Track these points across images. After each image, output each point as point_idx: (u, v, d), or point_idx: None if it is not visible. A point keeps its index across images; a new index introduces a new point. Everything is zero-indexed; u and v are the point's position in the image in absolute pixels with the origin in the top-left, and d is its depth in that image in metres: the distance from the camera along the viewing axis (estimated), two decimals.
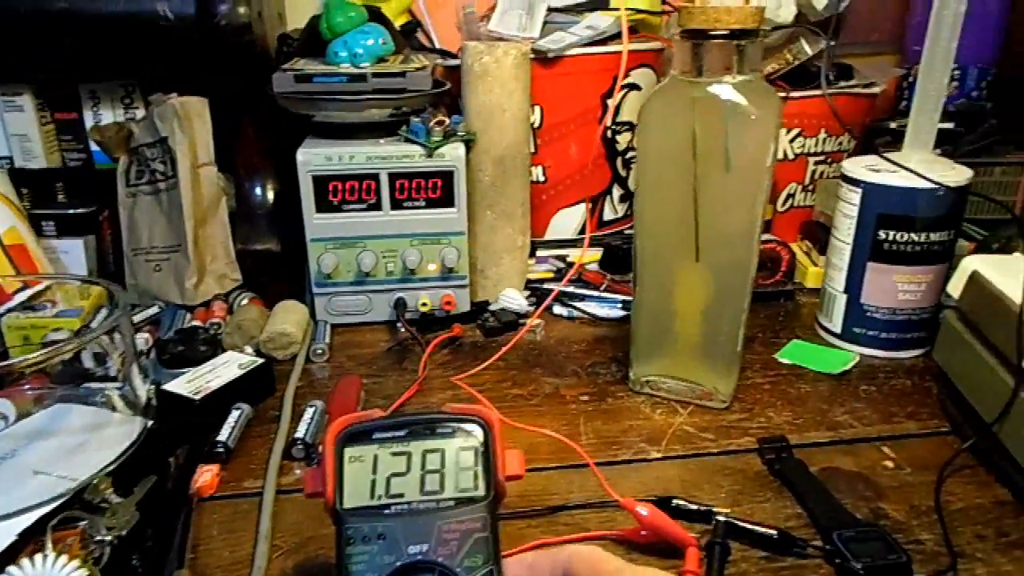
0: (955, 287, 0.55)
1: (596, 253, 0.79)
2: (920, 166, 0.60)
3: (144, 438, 0.50)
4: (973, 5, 0.90)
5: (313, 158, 0.64)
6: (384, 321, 0.70)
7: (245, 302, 0.70)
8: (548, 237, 0.83)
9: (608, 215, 0.83)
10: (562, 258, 0.79)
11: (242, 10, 0.65)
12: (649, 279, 0.55)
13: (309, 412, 0.53)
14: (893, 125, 0.90)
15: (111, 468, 0.46)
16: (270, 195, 0.72)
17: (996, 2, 0.91)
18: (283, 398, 0.57)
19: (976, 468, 0.49)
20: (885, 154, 0.63)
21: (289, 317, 0.65)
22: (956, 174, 0.59)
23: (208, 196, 0.71)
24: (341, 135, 0.67)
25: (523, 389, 0.59)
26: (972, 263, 0.55)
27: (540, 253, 0.81)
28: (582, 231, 0.83)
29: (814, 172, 0.83)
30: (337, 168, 0.64)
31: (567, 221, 0.82)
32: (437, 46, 0.83)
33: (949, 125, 0.85)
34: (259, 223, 0.73)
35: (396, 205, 0.66)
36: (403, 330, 0.67)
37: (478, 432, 0.32)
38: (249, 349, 0.63)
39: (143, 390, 0.53)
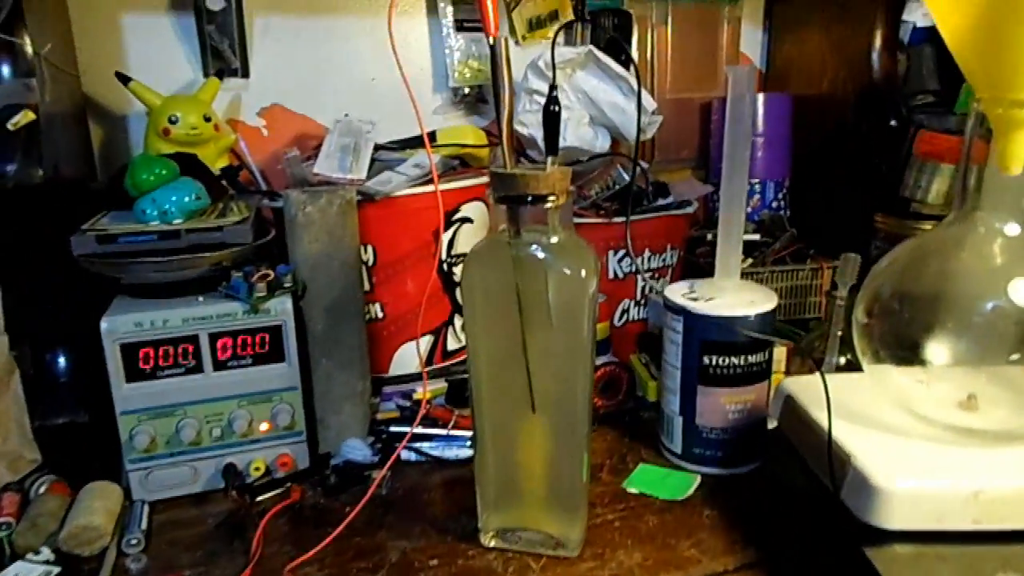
0: (774, 409, 0.59)
1: (442, 386, 0.78)
2: (731, 295, 0.64)
3: None
4: (768, 129, 1.01)
5: (120, 326, 0.59)
6: (215, 490, 0.64)
7: (43, 489, 0.61)
8: (392, 373, 0.81)
9: (452, 344, 0.83)
10: (408, 395, 0.77)
11: (34, 171, 0.60)
12: (489, 435, 0.54)
13: None
14: (709, 236, 0.98)
15: None
16: (69, 364, 0.65)
17: (786, 125, 1.02)
18: None
19: None
20: (698, 284, 0.67)
21: (96, 504, 0.58)
22: (764, 299, 0.64)
23: None
24: (155, 294, 0.62)
25: (368, 560, 0.55)
26: (787, 386, 0.58)
27: (386, 389, 0.79)
28: (428, 363, 0.82)
29: (644, 287, 0.87)
30: (149, 334, 0.59)
31: (411, 355, 0.80)
32: (263, 187, 0.81)
33: (755, 237, 0.93)
34: (62, 393, 0.65)
35: (219, 365, 0.62)
36: (235, 500, 0.61)
37: None
38: (46, 550, 0.55)
39: None
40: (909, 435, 0.51)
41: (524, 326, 0.50)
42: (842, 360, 0.79)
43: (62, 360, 0.65)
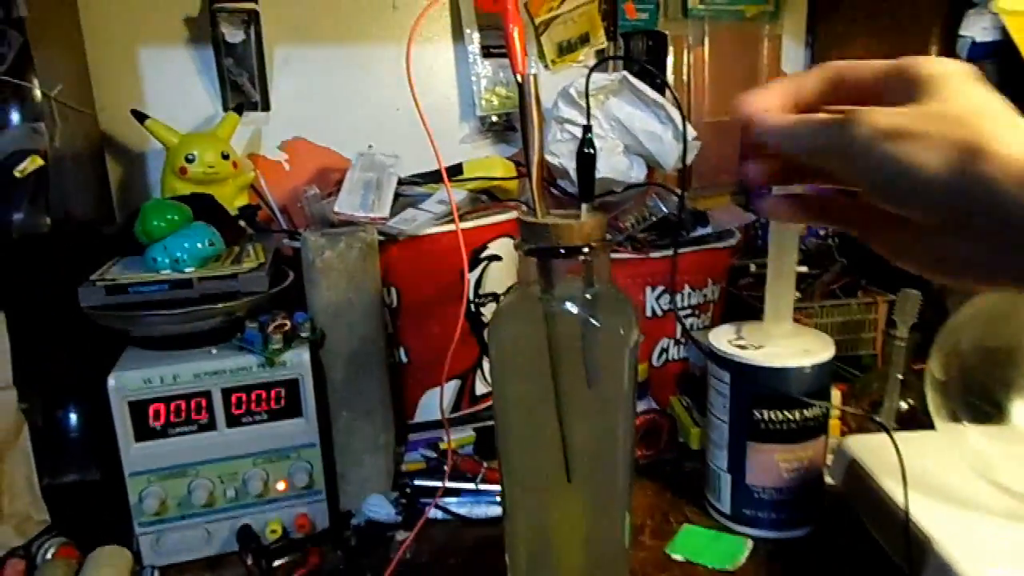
0: (836, 473, 0.53)
1: (469, 435, 0.74)
2: (783, 342, 0.58)
3: None
4: None
5: (128, 382, 0.55)
6: (230, 552, 0.60)
7: (51, 554, 0.58)
8: (419, 419, 0.76)
9: (480, 388, 0.78)
10: (434, 443, 0.73)
11: (42, 219, 0.57)
12: (519, 503, 0.50)
13: None
14: (753, 268, 0.92)
15: None
16: (81, 420, 0.62)
17: None
18: None
19: None
20: (746, 329, 0.61)
21: (102, 574, 0.54)
22: (821, 347, 0.58)
23: (5, 425, 0.60)
24: (166, 347, 0.59)
25: None
26: (850, 448, 0.53)
27: (412, 437, 0.74)
28: (455, 408, 0.77)
29: (684, 325, 0.81)
30: (159, 391, 0.56)
31: (438, 400, 0.76)
32: (283, 225, 0.78)
33: (802, 268, 0.87)
34: (72, 450, 0.62)
35: (233, 422, 0.58)
36: (249, 567, 0.57)
37: None
38: None
39: None
40: (992, 511, 0.45)
41: (558, 388, 0.45)
42: (903, 405, 0.73)
43: (73, 415, 0.62)
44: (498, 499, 0.64)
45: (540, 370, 0.45)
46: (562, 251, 0.43)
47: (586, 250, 0.43)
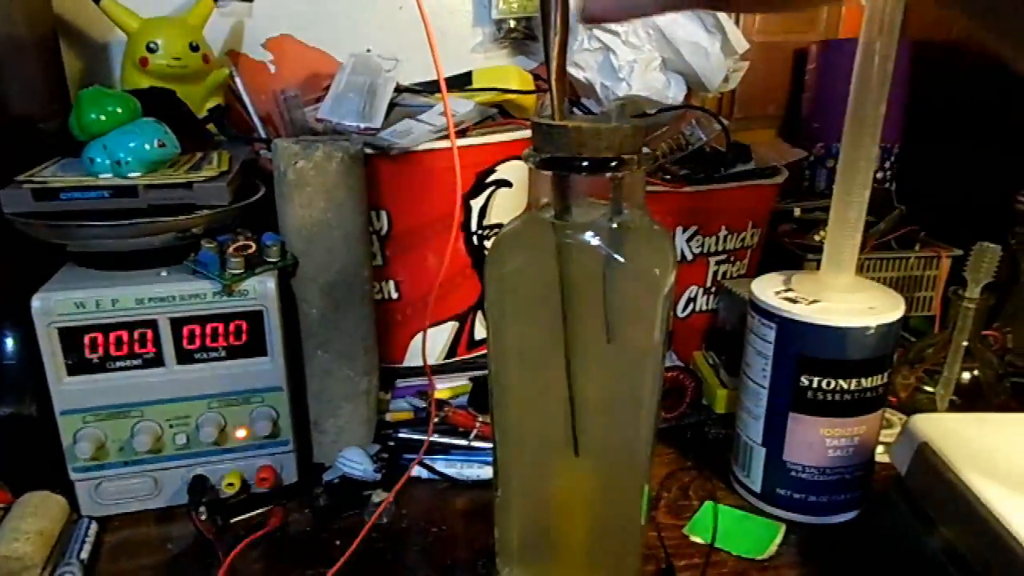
0: (899, 457, 0.44)
1: (464, 383, 0.65)
2: (843, 296, 0.49)
3: None
4: None
5: (57, 305, 0.46)
6: (182, 505, 0.53)
7: None
8: (408, 363, 0.68)
9: (480, 333, 0.69)
10: (425, 392, 0.64)
11: None
12: (516, 482, 0.41)
13: None
14: (797, 212, 0.81)
15: None
16: (18, 344, 0.53)
17: (903, 72, 0.84)
18: None
19: None
20: (797, 279, 0.51)
21: (26, 524, 0.46)
22: (889, 304, 0.48)
23: None
24: (109, 266, 0.50)
25: None
26: (920, 427, 0.43)
27: (400, 383, 0.66)
28: (450, 354, 0.69)
29: (716, 272, 0.71)
30: (95, 316, 0.47)
31: (431, 343, 0.67)
32: (261, 133, 0.67)
33: None
34: (6, 379, 0.54)
35: (184, 358, 0.49)
36: (199, 523, 0.49)
37: None
38: None
39: None
40: None
41: (569, 340, 0.36)
42: (965, 376, 0.63)
43: (9, 341, 0.54)
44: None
45: (548, 315, 0.36)
46: (584, 163, 0.33)
47: (615, 164, 0.33)
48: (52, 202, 0.48)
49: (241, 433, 0.52)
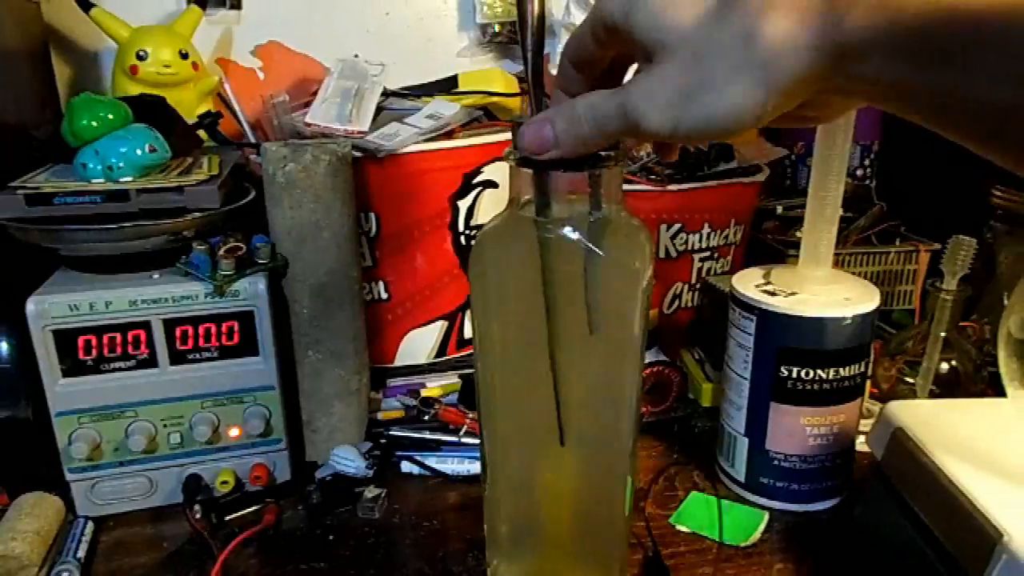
0: (876, 443, 0.45)
1: (454, 382, 0.66)
2: (820, 288, 0.50)
3: None
4: None
5: (52, 307, 0.47)
6: (176, 504, 0.53)
7: None
8: (399, 363, 0.69)
9: (470, 332, 0.70)
10: (415, 391, 0.65)
11: None
12: (503, 475, 0.42)
13: None
14: (779, 210, 0.83)
15: None
16: (13, 348, 0.54)
17: None
18: None
19: None
20: (776, 272, 0.53)
21: (23, 524, 0.47)
22: (864, 295, 0.50)
23: None
24: (100, 269, 0.51)
25: None
26: (895, 413, 0.45)
27: (391, 383, 0.67)
28: (440, 353, 0.70)
29: (700, 269, 0.73)
30: (89, 319, 0.48)
31: (421, 343, 0.68)
32: (250, 138, 0.68)
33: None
34: (2, 382, 0.55)
35: (177, 359, 0.50)
36: (194, 521, 0.50)
37: None
38: None
39: None
40: None
41: (553, 333, 0.37)
42: (944, 366, 0.65)
43: (4, 344, 0.55)
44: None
45: (532, 309, 0.37)
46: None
47: (593, 160, 0.34)
48: (45, 207, 0.49)
49: (234, 432, 0.53)
